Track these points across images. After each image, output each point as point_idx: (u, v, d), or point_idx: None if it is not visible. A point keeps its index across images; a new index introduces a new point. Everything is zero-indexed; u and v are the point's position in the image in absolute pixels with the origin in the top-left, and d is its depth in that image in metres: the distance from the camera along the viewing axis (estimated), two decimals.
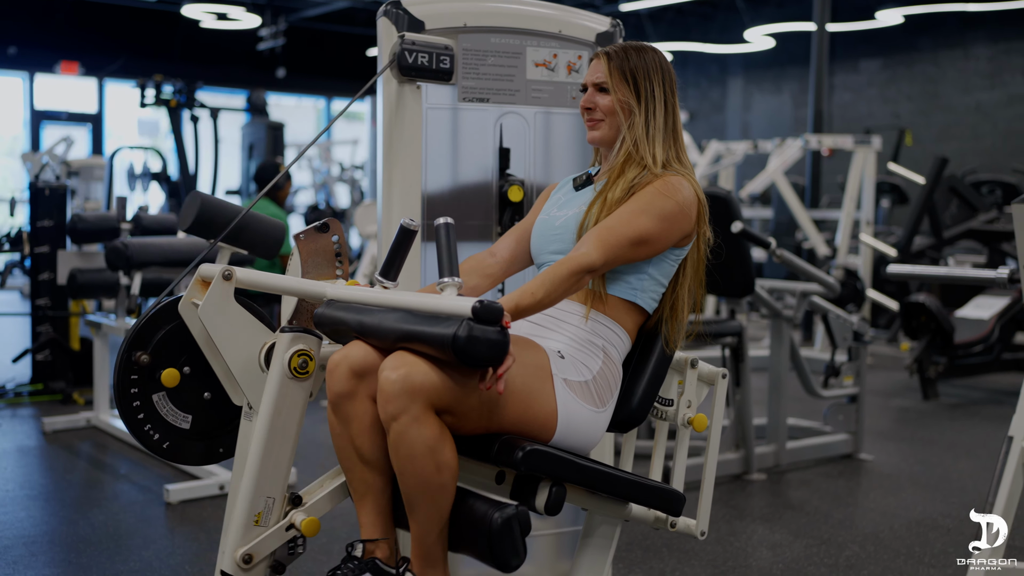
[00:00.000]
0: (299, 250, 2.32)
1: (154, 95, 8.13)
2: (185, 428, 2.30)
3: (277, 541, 2.07)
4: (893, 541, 3.58)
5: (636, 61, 2.23)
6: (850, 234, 7.82)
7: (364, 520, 2.08)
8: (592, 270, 2.06)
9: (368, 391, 2.01)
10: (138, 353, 2.25)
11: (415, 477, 1.91)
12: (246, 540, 2.03)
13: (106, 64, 14.43)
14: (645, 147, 2.20)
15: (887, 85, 13.66)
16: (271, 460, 2.08)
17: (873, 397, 6.23)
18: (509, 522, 1.93)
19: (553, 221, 2.28)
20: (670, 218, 2.13)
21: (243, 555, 2.02)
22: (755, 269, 9.22)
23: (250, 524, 2.05)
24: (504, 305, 1.91)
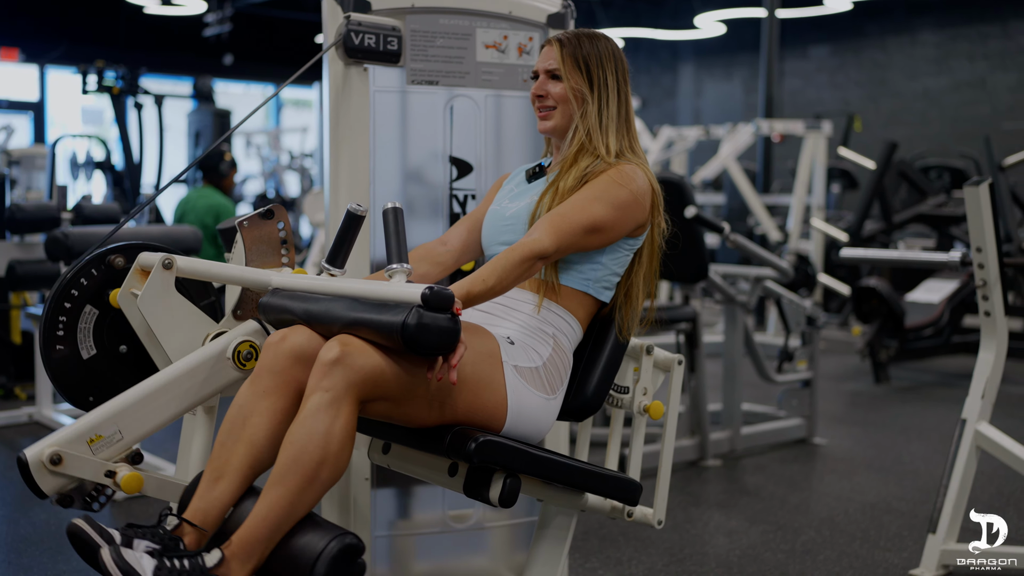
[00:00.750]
0: (243, 238, 2.24)
1: (96, 82, 7.92)
2: (82, 356, 2.19)
3: (90, 472, 1.89)
4: (848, 525, 3.58)
5: (589, 48, 2.18)
6: (801, 219, 7.85)
7: (197, 503, 1.84)
8: (544, 256, 2.00)
9: (298, 376, 1.89)
10: (116, 256, 2.18)
11: (300, 453, 1.77)
12: (69, 446, 1.88)
13: (48, 51, 14.08)
14: (599, 137, 2.16)
15: (836, 71, 13.75)
16: (152, 404, 1.97)
17: (826, 381, 6.26)
18: (347, 552, 1.74)
19: (504, 212, 2.24)
20: (624, 206, 2.09)
21: (53, 454, 1.85)
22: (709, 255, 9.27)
23: (83, 439, 1.90)
24: (455, 292, 1.85)
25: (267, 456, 1.88)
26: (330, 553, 1.71)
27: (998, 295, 3.18)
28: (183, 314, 2.14)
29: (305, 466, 1.78)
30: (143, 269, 2.12)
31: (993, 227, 3.11)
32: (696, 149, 12.00)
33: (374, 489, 2.64)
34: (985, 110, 11.99)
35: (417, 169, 2.70)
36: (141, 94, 8.23)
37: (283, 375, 1.90)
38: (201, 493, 1.85)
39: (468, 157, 2.73)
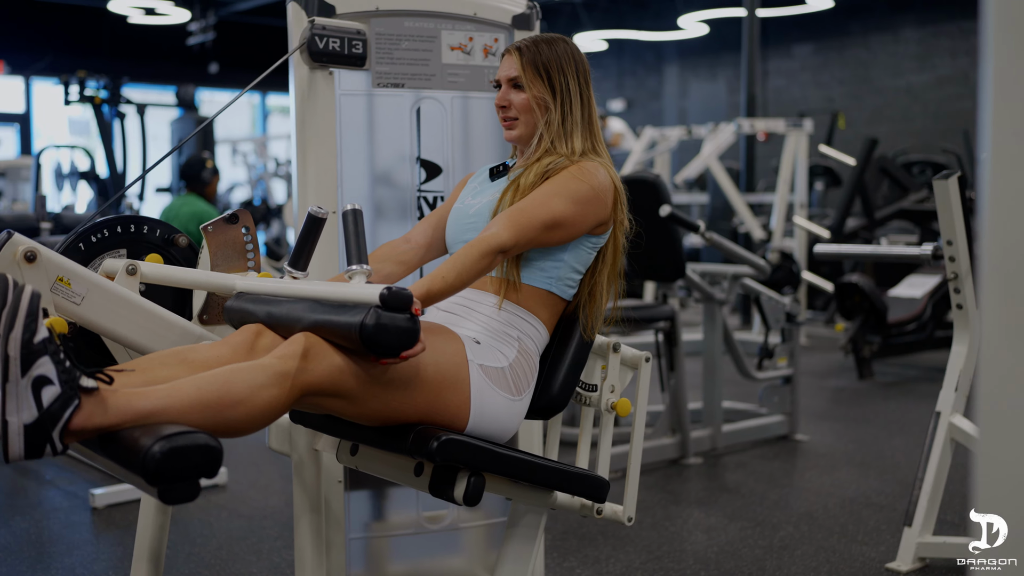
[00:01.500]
0: (207, 242, 2.25)
1: (78, 92, 7.93)
2: None
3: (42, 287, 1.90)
4: (827, 520, 3.60)
5: (548, 54, 2.18)
6: (785, 217, 7.87)
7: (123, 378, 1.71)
8: (503, 250, 2.00)
9: (253, 348, 1.87)
10: (177, 235, 2.27)
11: (226, 378, 1.69)
12: (46, 257, 1.91)
13: (32, 62, 14.08)
14: (562, 143, 2.17)
15: (820, 69, 13.80)
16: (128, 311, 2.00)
17: (809, 378, 6.29)
18: (175, 453, 1.53)
19: (467, 209, 2.24)
20: (584, 201, 2.09)
21: (29, 251, 1.89)
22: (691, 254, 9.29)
23: (58, 272, 1.93)
24: (415, 291, 1.86)
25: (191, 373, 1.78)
26: (182, 443, 1.54)
27: (970, 288, 3.20)
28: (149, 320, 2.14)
29: (222, 394, 1.67)
30: (108, 275, 2.13)
31: (964, 220, 3.13)
32: (681, 149, 12.03)
33: (347, 492, 2.65)
34: (968, 105, 12.04)
35: (385, 172, 2.71)
36: (123, 103, 8.23)
37: (243, 346, 1.87)
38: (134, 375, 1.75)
39: (436, 159, 2.74)
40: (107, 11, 12.62)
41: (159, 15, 12.36)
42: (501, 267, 2.13)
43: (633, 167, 8.15)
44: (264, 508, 3.77)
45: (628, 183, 4.32)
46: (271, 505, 3.82)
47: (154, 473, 1.52)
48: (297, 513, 2.54)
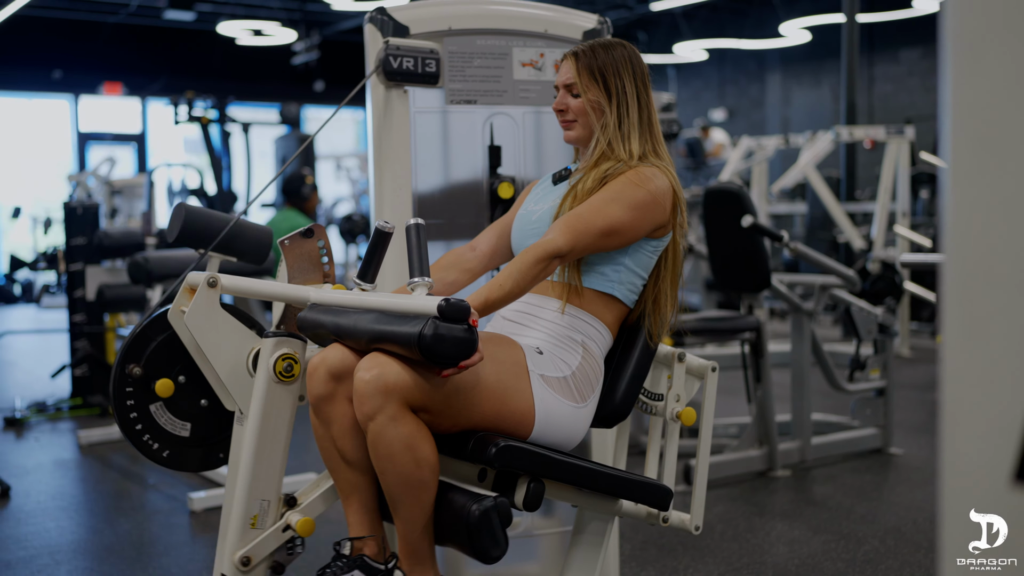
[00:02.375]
0: (284, 256, 2.35)
1: (187, 112, 8.26)
2: (185, 436, 2.33)
3: (274, 543, 2.09)
4: (915, 535, 3.53)
5: (604, 58, 2.22)
6: (886, 226, 7.71)
7: (351, 519, 2.09)
8: (559, 255, 2.04)
9: (346, 393, 2.02)
10: (131, 366, 2.30)
11: (395, 475, 1.92)
12: (243, 543, 2.05)
13: (148, 84, 14.70)
14: (619, 145, 2.20)
15: (928, 74, 13.46)
16: (263, 463, 2.10)
17: (910, 391, 6.15)
18: (487, 513, 1.92)
19: (530, 215, 2.29)
20: (642, 207, 2.12)
21: (241, 558, 2.04)
22: (789, 264, 9.14)
23: (246, 527, 2.07)
24: (473, 301, 1.92)
25: (367, 460, 2.03)
26: (474, 523, 1.92)
27: None
28: (228, 330, 2.25)
29: (406, 481, 1.93)
30: (191, 288, 2.24)
31: None
32: (782, 159, 11.88)
33: None
34: None
35: (459, 186, 2.78)
36: (229, 122, 8.54)
37: (333, 398, 2.03)
38: (347, 511, 2.10)
39: (508, 173, 2.80)
40: (217, 34, 13.11)
41: (266, 36, 12.78)
42: (563, 272, 2.17)
43: (730, 177, 8.08)
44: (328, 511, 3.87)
45: (711, 194, 4.35)
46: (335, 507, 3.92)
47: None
48: None
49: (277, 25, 12.66)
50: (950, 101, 0.73)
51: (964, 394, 0.74)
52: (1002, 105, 0.73)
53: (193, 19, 13.57)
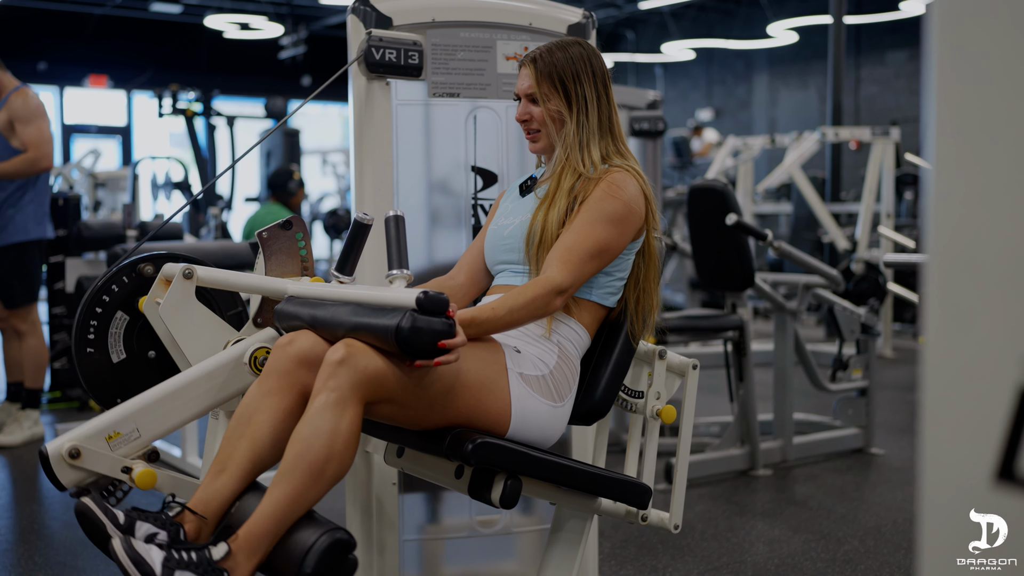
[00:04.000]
0: (263, 248, 2.32)
1: (172, 105, 8.21)
2: (112, 360, 2.28)
3: (107, 467, 1.96)
4: (895, 535, 3.52)
5: (563, 62, 2.20)
6: (870, 227, 7.72)
7: (200, 493, 1.91)
8: (561, 291, 2.04)
9: (302, 379, 1.95)
10: (146, 264, 2.27)
11: (305, 450, 1.82)
12: (87, 441, 1.95)
13: (133, 77, 14.63)
14: (577, 156, 2.19)
15: (915, 76, 13.50)
16: (170, 404, 2.05)
17: (893, 391, 6.15)
18: (336, 547, 1.79)
19: (502, 231, 2.28)
20: (621, 220, 2.12)
21: (72, 448, 1.92)
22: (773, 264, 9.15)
23: (103, 435, 1.97)
24: (461, 314, 1.91)
25: (268, 453, 1.94)
26: (320, 547, 1.76)
27: None
28: (203, 322, 2.22)
29: (311, 463, 1.83)
30: (166, 279, 2.21)
31: None
32: (769, 159, 11.89)
33: (402, 494, 2.69)
34: None
35: (441, 180, 2.76)
36: (214, 115, 8.49)
37: (288, 376, 1.96)
38: (205, 484, 1.92)
39: (492, 167, 2.77)
40: (204, 27, 13.05)
41: (253, 30, 12.72)
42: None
43: (715, 176, 8.07)
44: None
45: (696, 192, 4.33)
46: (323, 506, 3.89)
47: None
48: (349, 514, 2.60)
49: (264, 19, 12.61)
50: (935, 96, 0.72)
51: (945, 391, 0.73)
52: (986, 100, 0.72)
53: (179, 12, 13.52)
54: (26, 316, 4.81)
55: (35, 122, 4.56)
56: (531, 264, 2.17)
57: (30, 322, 4.83)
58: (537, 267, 2.14)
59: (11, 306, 4.76)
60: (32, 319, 4.84)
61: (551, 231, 2.14)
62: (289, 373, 1.96)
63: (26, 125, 4.52)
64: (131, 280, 2.30)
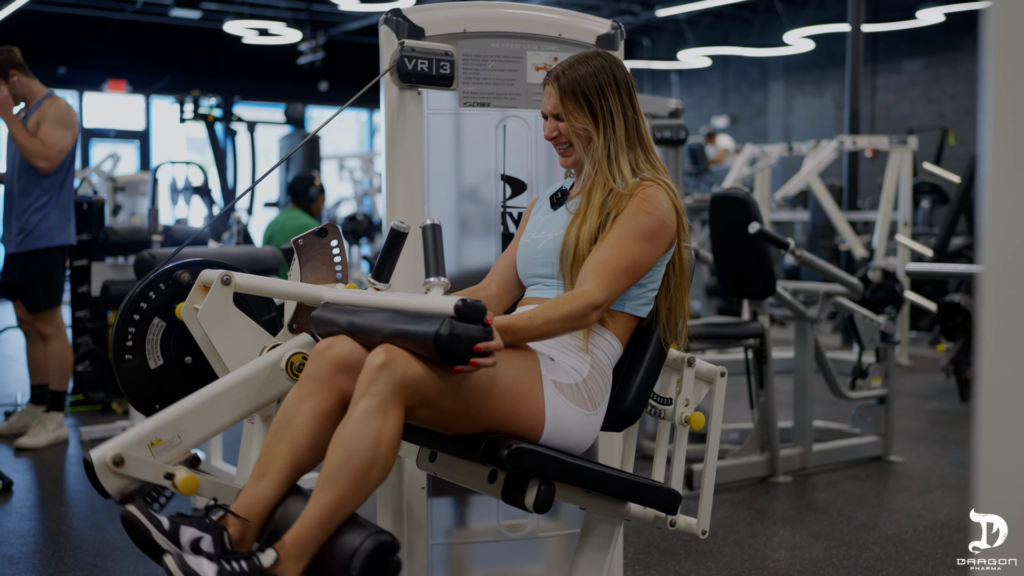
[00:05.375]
0: (298, 255, 2.36)
1: (192, 110, 8.28)
2: (150, 366, 2.33)
3: (150, 474, 1.99)
4: (916, 542, 3.54)
5: (586, 78, 2.22)
6: (887, 235, 7.73)
7: (243, 497, 1.95)
8: (597, 307, 2.07)
9: (341, 384, 1.99)
10: (183, 271, 2.32)
11: (350, 455, 1.85)
12: (131, 449, 1.98)
13: (152, 82, 14.72)
14: (606, 170, 2.21)
15: (930, 85, 13.49)
16: (211, 410, 2.08)
17: (910, 399, 6.16)
18: (381, 549, 1.83)
19: (535, 244, 2.31)
20: (654, 235, 2.15)
21: (116, 456, 1.95)
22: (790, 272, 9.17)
23: (146, 442, 2.00)
24: (497, 322, 1.94)
25: (308, 457, 1.98)
26: (365, 550, 1.79)
27: None
28: (241, 328, 2.26)
29: (356, 467, 1.86)
30: (204, 285, 2.26)
31: None
32: (785, 166, 11.90)
33: (430, 498, 2.73)
34: None
35: (471, 188, 2.80)
36: (235, 121, 8.55)
37: (326, 381, 2.00)
38: (247, 488, 1.96)
39: (521, 175, 2.81)
40: (223, 32, 13.13)
41: (272, 36, 12.80)
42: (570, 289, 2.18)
43: (733, 184, 8.11)
44: None
45: (718, 200, 4.36)
46: None
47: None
48: (380, 517, 2.64)
49: (283, 25, 12.68)
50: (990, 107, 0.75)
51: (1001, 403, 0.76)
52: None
53: (199, 17, 13.60)
54: (50, 319, 4.88)
55: (57, 127, 4.68)
56: (565, 279, 2.20)
57: (54, 325, 4.90)
58: (571, 282, 2.18)
59: (34, 310, 4.83)
60: (56, 322, 4.91)
61: (584, 247, 2.17)
62: (327, 378, 2.00)
63: (49, 126, 4.65)
64: (168, 287, 2.35)
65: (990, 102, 0.75)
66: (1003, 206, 0.75)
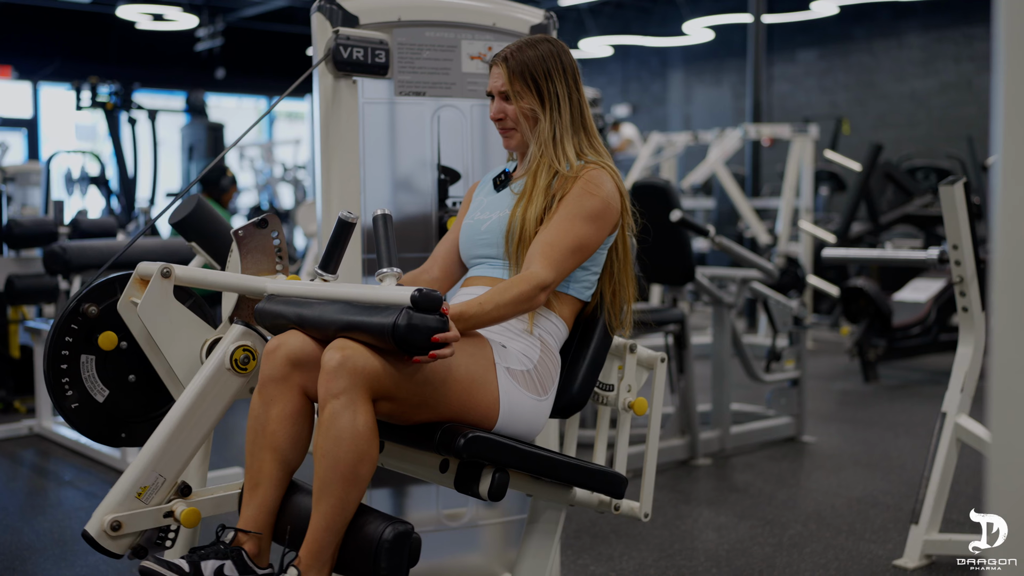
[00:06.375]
0: (238, 247, 2.32)
1: (90, 97, 8.01)
2: (98, 400, 2.28)
3: (150, 521, 2.01)
4: (835, 519, 3.66)
5: (534, 60, 2.23)
6: (790, 222, 7.94)
7: (247, 511, 2.01)
8: (545, 287, 2.09)
9: (299, 380, 2.00)
10: (88, 305, 2.25)
11: (334, 461, 1.87)
12: (121, 508, 1.98)
13: (40, 68, 14.18)
14: (552, 151, 2.23)
15: (824, 75, 13.86)
16: (178, 440, 2.06)
17: (816, 381, 6.35)
18: (401, 538, 1.88)
19: (479, 225, 2.31)
20: (600, 216, 2.18)
21: (112, 521, 1.96)
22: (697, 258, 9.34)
23: (132, 495, 2.00)
24: (450, 311, 1.93)
25: (292, 456, 2.01)
26: (387, 543, 1.86)
27: (975, 291, 3.26)
28: (182, 321, 2.21)
29: (344, 471, 1.88)
30: (142, 278, 2.20)
31: (969, 225, 3.20)
32: (687, 155, 12.09)
33: (370, 489, 2.72)
34: (972, 111, 12.11)
35: (406, 177, 2.78)
36: (135, 109, 8.31)
37: (285, 381, 2.00)
38: (246, 502, 1.99)
39: (456, 165, 2.81)
40: (115, 17, 12.72)
41: (167, 21, 12.45)
42: (517, 271, 2.19)
43: (640, 173, 8.21)
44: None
45: (639, 189, 4.42)
46: None
47: None
48: None
49: (179, 10, 12.35)
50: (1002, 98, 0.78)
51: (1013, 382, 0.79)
52: None
53: (89, 2, 13.15)
54: None
55: None
56: (510, 260, 2.21)
57: None
58: (517, 262, 2.19)
59: None
60: None
61: (530, 227, 2.18)
62: (285, 378, 2.00)
63: None
64: (81, 324, 2.26)
65: (1002, 94, 0.78)
66: (1015, 191, 0.78)
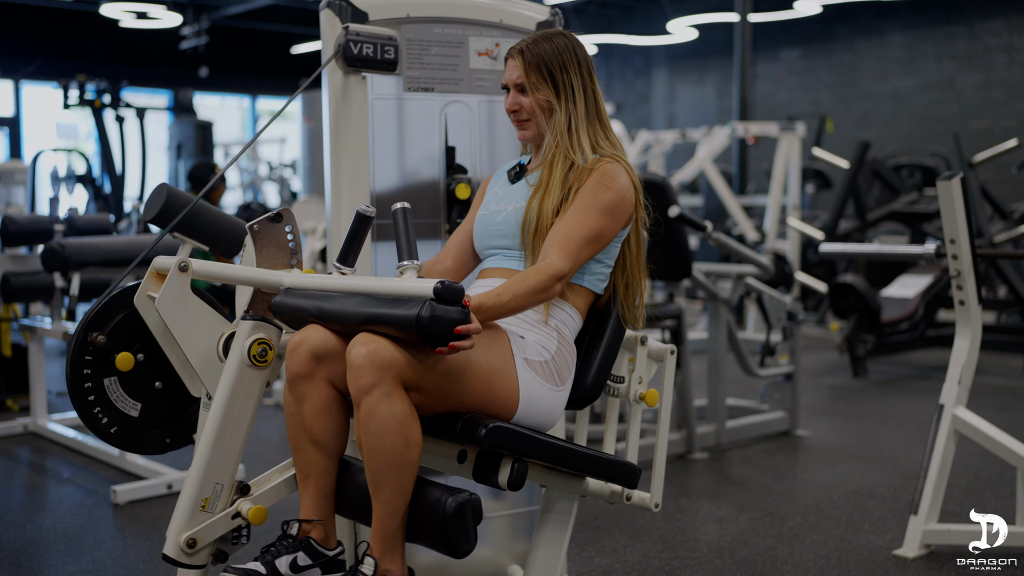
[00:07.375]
0: (253, 241, 2.33)
1: (78, 96, 7.98)
2: (134, 416, 2.30)
3: (222, 528, 2.06)
4: (833, 511, 3.71)
5: (550, 53, 2.26)
6: (778, 219, 8.00)
7: (305, 501, 2.08)
8: (561, 277, 2.11)
9: (326, 374, 2.03)
10: (95, 334, 2.26)
11: (383, 453, 1.92)
12: (191, 525, 2.03)
13: (22, 66, 14.09)
14: (567, 143, 2.26)
15: (807, 74, 13.97)
16: (223, 446, 2.08)
17: (806, 376, 6.40)
18: (462, 507, 1.94)
19: (494, 217, 2.33)
20: (615, 209, 2.20)
21: (187, 539, 2.01)
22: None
23: (196, 509, 2.04)
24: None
25: (335, 445, 2.08)
26: (450, 517, 1.93)
27: (972, 284, 3.31)
28: (199, 315, 2.22)
29: (395, 459, 1.92)
30: (159, 273, 2.21)
31: (966, 220, 3.25)
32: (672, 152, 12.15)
33: None
34: (953, 109, 12.22)
35: (414, 172, 2.80)
36: (123, 107, 8.28)
37: (311, 377, 2.03)
38: (302, 493, 2.08)
39: (463, 161, 2.83)
40: (99, 15, 12.66)
41: (151, 19, 12.40)
42: (532, 263, 2.21)
43: None
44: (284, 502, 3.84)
45: None
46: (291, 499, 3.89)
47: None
48: None
49: (163, 8, 12.30)
50: None
51: None
52: None
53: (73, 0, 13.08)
54: None
55: None
56: (526, 250, 2.23)
57: None
58: (533, 253, 2.21)
59: None
60: None
61: (546, 219, 2.21)
62: (311, 373, 2.03)
63: None
64: (94, 354, 2.28)
65: None
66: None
